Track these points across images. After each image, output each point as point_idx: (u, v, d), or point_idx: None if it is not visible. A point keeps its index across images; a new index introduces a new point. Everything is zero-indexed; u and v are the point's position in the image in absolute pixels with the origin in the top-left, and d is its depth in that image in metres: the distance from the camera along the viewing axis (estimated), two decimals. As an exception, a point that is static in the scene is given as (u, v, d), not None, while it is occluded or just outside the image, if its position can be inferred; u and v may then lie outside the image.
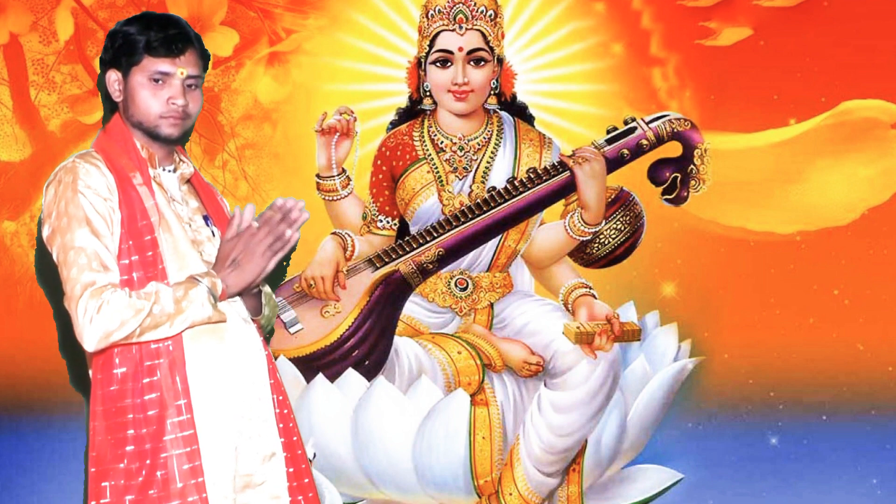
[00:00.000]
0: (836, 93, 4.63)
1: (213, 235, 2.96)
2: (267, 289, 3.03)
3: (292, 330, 4.21)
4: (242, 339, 2.88)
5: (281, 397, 2.95)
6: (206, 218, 2.97)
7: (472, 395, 4.24)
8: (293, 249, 2.88)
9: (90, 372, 2.85)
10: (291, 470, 2.91)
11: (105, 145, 2.88)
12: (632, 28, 4.66)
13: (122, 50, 2.86)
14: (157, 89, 2.86)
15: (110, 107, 2.94)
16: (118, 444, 2.76)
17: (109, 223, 2.78)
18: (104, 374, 2.78)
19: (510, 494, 4.29)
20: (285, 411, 2.95)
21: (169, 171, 2.95)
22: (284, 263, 4.15)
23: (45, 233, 2.80)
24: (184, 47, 2.87)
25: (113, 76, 2.89)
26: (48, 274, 2.85)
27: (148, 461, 2.75)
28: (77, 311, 2.70)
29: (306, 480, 2.95)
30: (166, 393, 2.77)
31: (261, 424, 2.87)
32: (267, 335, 3.04)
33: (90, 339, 2.71)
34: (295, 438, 2.96)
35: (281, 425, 2.92)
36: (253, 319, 2.94)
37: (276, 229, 2.79)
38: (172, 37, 2.86)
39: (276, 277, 4.04)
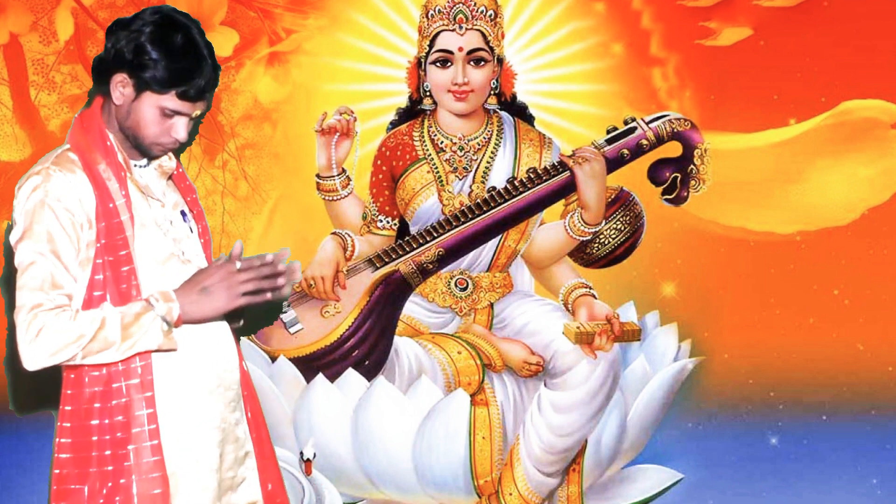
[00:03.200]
0: (836, 93, 4.62)
1: (192, 232, 2.92)
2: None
3: (292, 330, 4.21)
4: (218, 340, 2.86)
5: (247, 392, 2.94)
6: (183, 213, 2.92)
7: (472, 395, 4.24)
8: (284, 299, 2.81)
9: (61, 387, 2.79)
10: (261, 464, 2.92)
11: (82, 144, 2.78)
12: (632, 28, 4.66)
13: (148, 68, 2.73)
14: (165, 120, 2.77)
15: (98, 91, 2.82)
16: (82, 464, 2.71)
17: (74, 239, 2.70)
18: (74, 392, 2.74)
19: (510, 494, 4.29)
20: (254, 407, 2.95)
21: (142, 166, 2.87)
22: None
23: (13, 238, 2.73)
24: (209, 93, 2.81)
25: (120, 79, 2.76)
26: (11, 280, 2.79)
27: (109, 484, 2.69)
28: (19, 331, 2.65)
29: (274, 473, 2.95)
30: (133, 417, 2.70)
31: (237, 428, 2.88)
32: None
33: (29, 359, 2.65)
34: (263, 435, 2.96)
35: (252, 423, 2.93)
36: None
37: (260, 282, 2.73)
38: (205, 86, 2.77)
39: (269, 317, 4.02)
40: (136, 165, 2.86)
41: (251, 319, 2.96)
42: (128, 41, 2.74)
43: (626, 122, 4.37)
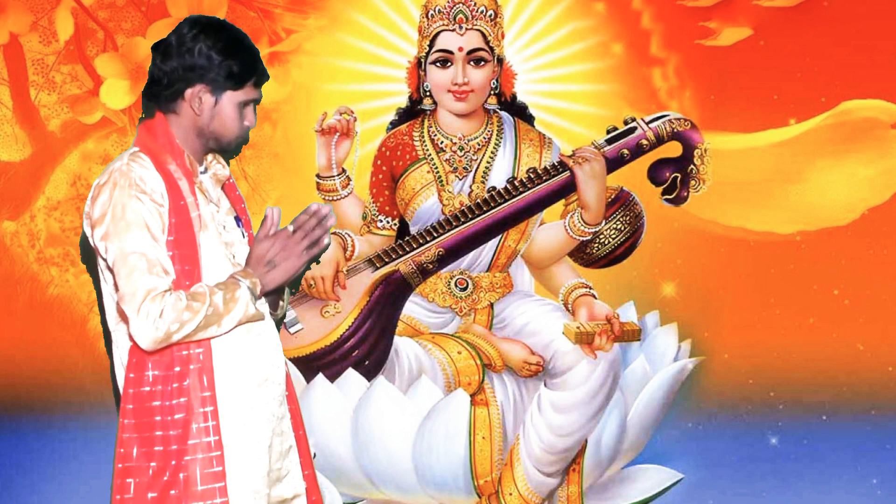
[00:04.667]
0: (836, 93, 4.63)
1: (243, 237, 3.05)
2: (290, 290, 3.14)
3: (292, 330, 4.19)
4: (267, 337, 2.99)
5: (289, 392, 3.08)
6: (236, 219, 3.06)
7: (472, 395, 4.24)
8: (321, 252, 2.97)
9: (120, 371, 2.93)
10: (302, 460, 3.07)
11: (152, 146, 2.94)
12: (632, 28, 4.66)
13: (222, 73, 2.92)
14: (243, 112, 2.98)
15: (165, 100, 2.96)
16: (146, 444, 2.85)
17: (163, 228, 2.87)
18: (137, 375, 2.87)
19: (510, 494, 4.29)
20: (293, 406, 3.09)
21: (200, 171, 3.02)
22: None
23: (98, 234, 2.86)
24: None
25: (197, 91, 2.93)
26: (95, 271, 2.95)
27: (173, 462, 2.84)
28: (139, 315, 2.78)
29: (309, 471, 3.11)
30: (193, 399, 2.86)
31: (282, 422, 3.01)
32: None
33: (151, 339, 2.79)
34: (301, 432, 3.09)
35: (293, 420, 3.06)
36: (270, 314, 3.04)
37: (312, 233, 2.91)
38: (265, 70, 3.00)
39: (293, 283, 4.10)
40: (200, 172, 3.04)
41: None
42: (195, 56, 2.93)
43: (626, 122, 4.37)
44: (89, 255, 2.99)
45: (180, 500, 2.82)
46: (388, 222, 4.40)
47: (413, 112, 4.42)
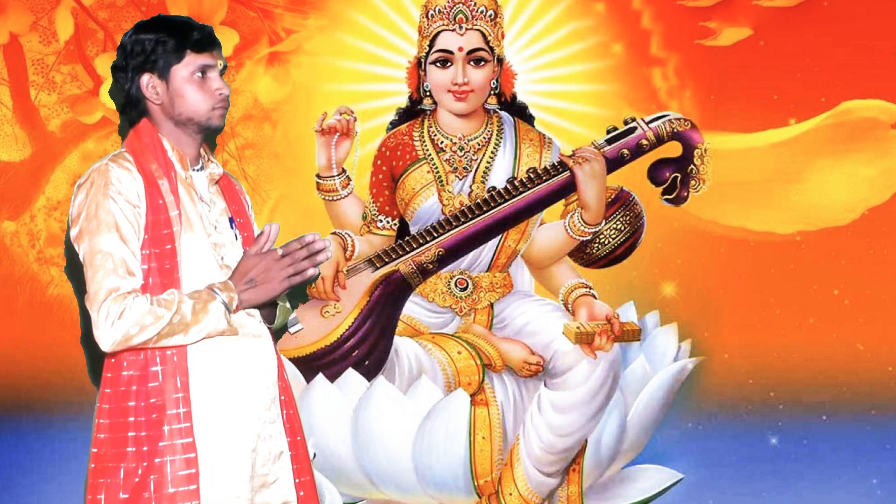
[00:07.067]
0: (836, 93, 4.63)
1: (236, 239, 3.02)
2: (286, 304, 3.10)
3: (292, 330, 4.17)
4: (254, 343, 2.95)
5: (286, 397, 3.02)
6: (230, 220, 3.02)
7: (472, 395, 4.24)
8: (314, 279, 2.95)
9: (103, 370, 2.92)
10: (296, 467, 3.00)
11: (136, 147, 2.94)
12: (632, 28, 4.66)
13: (158, 52, 2.92)
14: (202, 83, 2.93)
15: (138, 113, 2.97)
16: (119, 444, 2.82)
17: (136, 229, 2.84)
18: (114, 375, 2.86)
19: (510, 494, 4.29)
20: (291, 412, 3.03)
21: (197, 170, 3.00)
22: (312, 286, 4.22)
23: (74, 233, 2.87)
24: (217, 41, 2.97)
25: (147, 79, 2.93)
26: (76, 270, 2.93)
27: (145, 463, 2.81)
28: (99, 314, 2.77)
29: (307, 478, 3.03)
30: (167, 400, 2.83)
31: (271, 426, 2.95)
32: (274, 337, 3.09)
33: (109, 341, 2.77)
34: (299, 438, 3.04)
35: (288, 425, 2.99)
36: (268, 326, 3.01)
37: (299, 264, 2.88)
38: (209, 33, 2.95)
39: (297, 297, 4.09)
40: (192, 169, 3.00)
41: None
42: (132, 54, 2.94)
43: (626, 122, 4.36)
44: (72, 262, 2.97)
45: (151, 501, 2.79)
46: (388, 222, 4.40)
47: (413, 112, 4.42)
